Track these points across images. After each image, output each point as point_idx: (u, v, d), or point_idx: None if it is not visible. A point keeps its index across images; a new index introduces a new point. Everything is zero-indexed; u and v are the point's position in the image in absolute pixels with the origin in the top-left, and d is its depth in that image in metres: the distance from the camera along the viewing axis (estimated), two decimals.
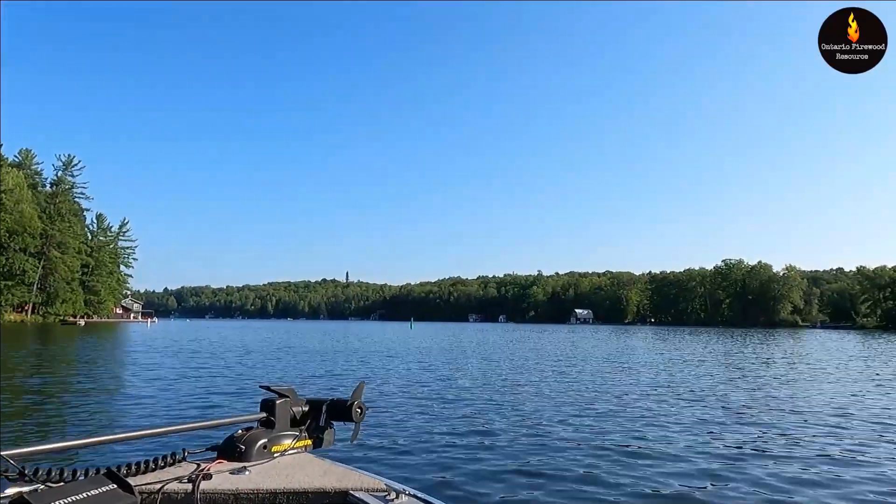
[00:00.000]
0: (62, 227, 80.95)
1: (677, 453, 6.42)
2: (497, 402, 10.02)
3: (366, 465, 4.25)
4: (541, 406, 9.73)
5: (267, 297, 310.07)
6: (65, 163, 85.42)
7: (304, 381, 13.16)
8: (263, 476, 1.50)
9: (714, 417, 8.96)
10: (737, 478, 5.47)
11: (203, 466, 1.51)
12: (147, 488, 1.35)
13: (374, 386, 12.11)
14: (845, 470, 5.85)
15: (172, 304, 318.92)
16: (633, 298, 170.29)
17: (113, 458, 4.38)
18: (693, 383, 13.79)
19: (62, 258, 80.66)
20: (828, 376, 16.22)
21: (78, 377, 13.66)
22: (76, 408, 9.09)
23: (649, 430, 7.74)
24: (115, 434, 1.54)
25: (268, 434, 1.69)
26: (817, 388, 13.21)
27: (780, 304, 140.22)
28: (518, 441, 6.86)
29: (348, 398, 1.84)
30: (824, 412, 9.60)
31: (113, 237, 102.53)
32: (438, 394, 11.08)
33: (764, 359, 23.64)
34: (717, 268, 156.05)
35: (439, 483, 5.11)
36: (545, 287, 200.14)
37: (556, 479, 5.29)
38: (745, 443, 7.09)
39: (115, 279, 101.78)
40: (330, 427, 1.83)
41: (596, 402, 10.37)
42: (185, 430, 1.65)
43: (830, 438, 7.46)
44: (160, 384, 12.25)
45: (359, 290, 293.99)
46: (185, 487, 1.39)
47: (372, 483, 1.53)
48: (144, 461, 1.47)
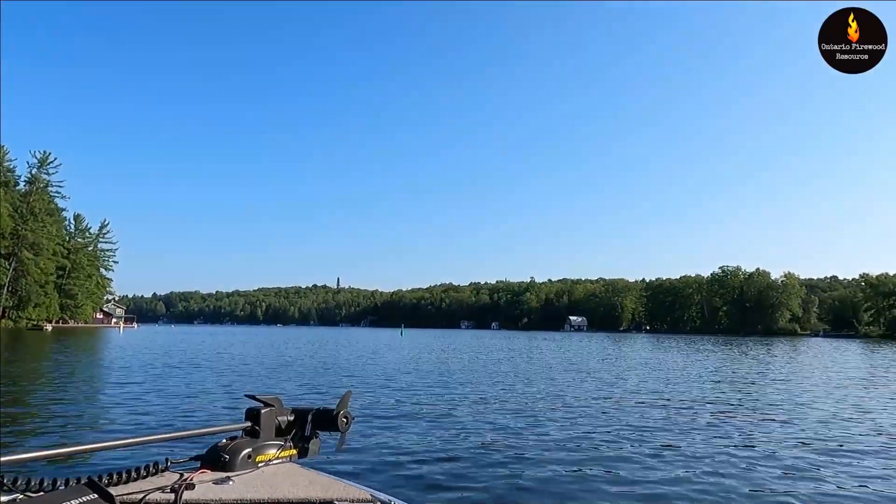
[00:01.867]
0: (35, 226, 76.97)
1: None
2: (488, 417, 9.78)
3: (351, 475, 3.68)
4: (529, 418, 9.67)
5: (257, 302, 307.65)
6: (39, 160, 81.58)
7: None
8: (248, 486, 1.47)
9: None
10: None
11: (186, 476, 1.47)
12: (129, 498, 1.31)
13: (360, 395, 11.92)
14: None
15: (161, 309, 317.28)
16: (628, 306, 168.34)
17: (94, 467, 4.28)
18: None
19: (35, 260, 76.73)
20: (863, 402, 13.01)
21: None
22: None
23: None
24: (96, 443, 1.51)
25: (252, 443, 1.64)
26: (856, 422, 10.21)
27: (779, 311, 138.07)
28: (506, 453, 6.85)
29: (334, 407, 1.78)
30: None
31: (92, 239, 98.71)
32: (427, 405, 10.90)
33: (781, 376, 20.65)
34: (713, 275, 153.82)
35: (425, 494, 5.17)
36: (539, 294, 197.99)
37: (543, 493, 5.32)
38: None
39: (95, 283, 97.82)
40: (315, 437, 1.78)
41: (589, 417, 10.05)
42: (169, 438, 1.61)
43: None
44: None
45: (349, 297, 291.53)
46: (168, 497, 1.35)
47: (357, 493, 1.50)
48: (126, 470, 1.42)
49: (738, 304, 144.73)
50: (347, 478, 1.61)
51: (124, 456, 4.60)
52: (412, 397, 11.82)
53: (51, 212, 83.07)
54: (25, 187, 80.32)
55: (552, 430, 8.45)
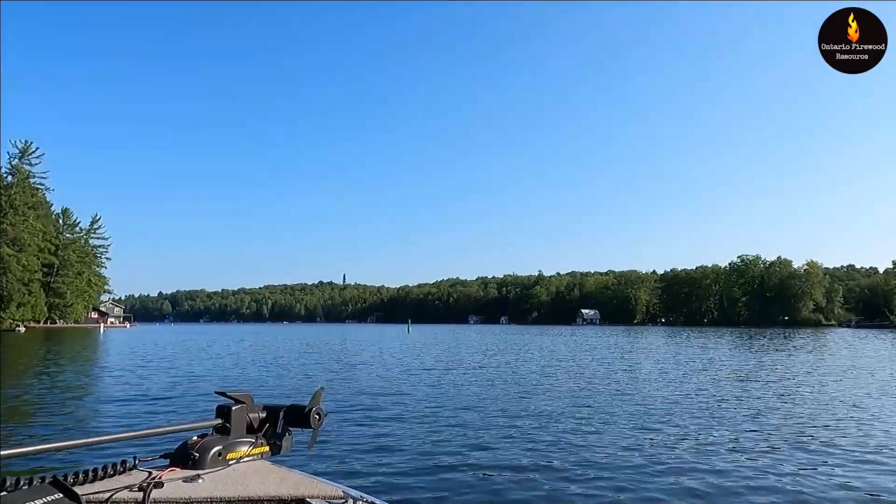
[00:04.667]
0: (15, 220, 72.47)
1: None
2: (470, 417, 9.05)
3: (323, 472, 3.88)
4: (514, 410, 9.49)
5: (262, 300, 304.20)
6: (21, 150, 77.09)
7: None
8: (218, 484, 1.45)
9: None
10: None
11: (155, 474, 1.44)
12: (95, 497, 1.28)
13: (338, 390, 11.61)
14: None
15: (167, 308, 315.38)
16: (641, 298, 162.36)
17: (59, 466, 4.17)
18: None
19: (17, 256, 72.22)
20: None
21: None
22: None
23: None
24: (61, 441, 1.45)
25: (223, 441, 1.62)
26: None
27: (802, 301, 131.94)
28: (487, 452, 6.63)
29: (306, 404, 1.78)
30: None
31: (82, 234, 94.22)
32: (409, 403, 10.45)
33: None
34: (732, 264, 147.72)
35: (397, 491, 5.07)
36: (548, 287, 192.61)
37: (523, 490, 5.15)
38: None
39: (86, 281, 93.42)
40: (287, 433, 1.78)
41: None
42: (137, 437, 1.58)
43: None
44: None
45: (356, 293, 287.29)
46: (136, 496, 1.32)
47: (329, 490, 1.50)
48: (93, 469, 1.39)
49: (759, 295, 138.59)
50: (320, 475, 1.59)
51: (91, 455, 4.42)
52: (397, 396, 11.31)
53: (34, 205, 78.58)
54: (11, 178, 75.82)
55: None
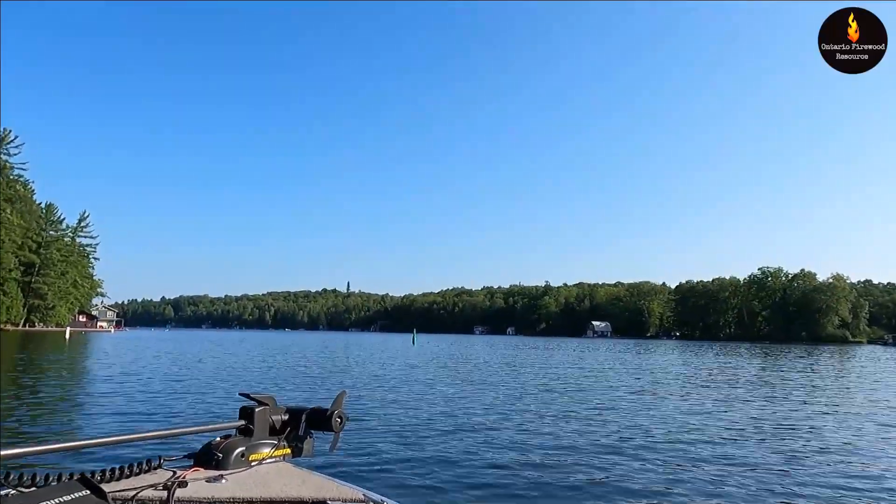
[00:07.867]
0: None
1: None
2: (486, 423, 9.22)
3: (345, 475, 3.80)
4: (529, 421, 9.48)
5: (265, 306, 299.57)
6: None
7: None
8: (240, 484, 1.45)
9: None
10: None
11: (179, 474, 1.44)
12: (121, 495, 1.29)
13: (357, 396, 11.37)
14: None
15: (170, 313, 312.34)
16: (655, 310, 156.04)
17: (87, 463, 4.33)
18: None
19: None
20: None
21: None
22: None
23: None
24: (89, 439, 1.47)
25: (246, 442, 1.63)
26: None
27: (827, 317, 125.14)
28: (506, 457, 6.74)
29: (329, 407, 1.77)
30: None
31: (66, 232, 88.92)
32: (425, 410, 10.49)
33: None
34: (752, 276, 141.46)
35: (419, 494, 5.13)
36: (557, 298, 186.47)
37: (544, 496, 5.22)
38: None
39: (70, 282, 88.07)
40: (309, 436, 1.76)
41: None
42: (162, 436, 1.61)
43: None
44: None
45: (359, 301, 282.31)
46: (160, 495, 1.33)
47: (350, 493, 1.48)
48: (119, 467, 1.40)
49: (781, 309, 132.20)
50: (341, 478, 1.58)
51: (118, 453, 4.56)
52: (413, 402, 11.12)
53: (12, 198, 73.44)
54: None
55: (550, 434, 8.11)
